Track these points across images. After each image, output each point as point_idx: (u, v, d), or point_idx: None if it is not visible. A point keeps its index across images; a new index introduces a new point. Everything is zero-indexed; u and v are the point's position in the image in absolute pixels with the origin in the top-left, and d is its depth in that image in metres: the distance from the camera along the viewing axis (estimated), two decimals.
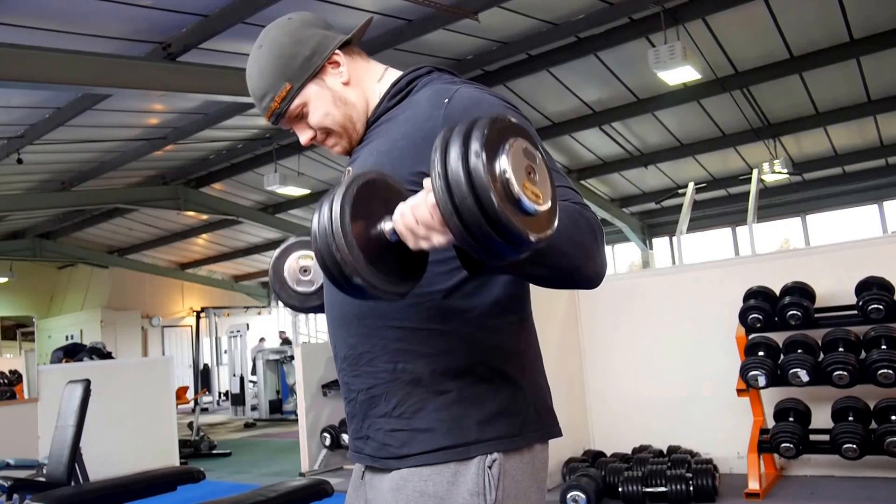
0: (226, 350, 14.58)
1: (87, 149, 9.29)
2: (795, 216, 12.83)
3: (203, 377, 15.01)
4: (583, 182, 11.34)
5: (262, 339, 14.14)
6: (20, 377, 12.62)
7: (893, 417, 4.15)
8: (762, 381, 4.40)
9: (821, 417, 4.45)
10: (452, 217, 0.85)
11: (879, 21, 7.12)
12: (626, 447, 5.21)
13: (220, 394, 15.55)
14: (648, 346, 5.47)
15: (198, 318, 15.86)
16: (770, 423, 4.59)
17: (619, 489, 4.35)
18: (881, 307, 4.25)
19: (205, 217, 13.34)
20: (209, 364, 15.32)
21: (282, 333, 14.79)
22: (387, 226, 0.96)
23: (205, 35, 6.21)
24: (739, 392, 4.61)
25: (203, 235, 15.26)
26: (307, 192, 11.14)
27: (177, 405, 8.06)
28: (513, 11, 6.54)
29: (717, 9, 6.77)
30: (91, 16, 5.80)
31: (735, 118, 9.20)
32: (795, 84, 8.37)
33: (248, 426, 11.46)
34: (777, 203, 11.95)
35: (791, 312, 4.47)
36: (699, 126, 9.62)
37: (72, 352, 8.68)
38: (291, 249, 1.48)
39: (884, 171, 11.08)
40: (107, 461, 5.79)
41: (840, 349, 4.30)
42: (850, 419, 4.26)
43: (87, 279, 16.59)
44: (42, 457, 4.80)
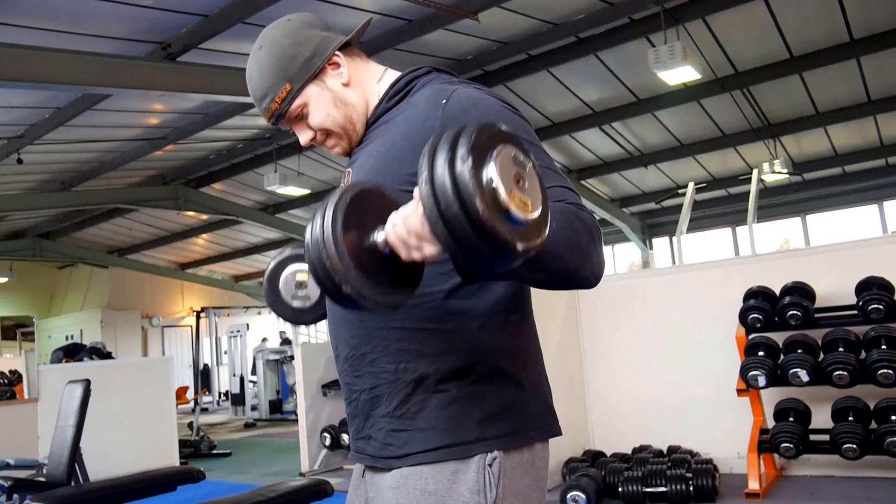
0: (226, 351, 14.58)
1: (87, 149, 9.29)
2: (795, 216, 12.82)
3: (203, 377, 15.01)
4: (583, 182, 11.33)
5: (265, 340, 14.11)
6: (20, 377, 12.64)
7: (893, 417, 4.15)
8: (762, 381, 4.40)
9: (821, 417, 4.45)
10: (438, 224, 0.83)
11: (879, 21, 7.12)
12: (626, 447, 5.21)
13: (220, 394, 15.56)
14: (648, 346, 5.47)
15: (198, 318, 15.87)
16: (770, 423, 4.59)
17: (619, 489, 4.35)
18: (881, 307, 4.25)
19: (205, 217, 13.34)
20: (209, 364, 15.32)
21: (282, 333, 14.78)
22: (379, 237, 0.95)
23: (205, 35, 6.21)
24: (739, 392, 4.61)
25: (203, 235, 15.25)
26: (307, 192, 11.15)
27: (177, 405, 8.06)
28: (513, 11, 6.54)
29: (717, 9, 6.77)
30: (91, 16, 5.80)
31: (735, 118, 9.20)
32: (795, 84, 8.37)
33: (248, 426, 11.46)
34: (777, 203, 11.94)
35: (791, 312, 4.47)
36: (699, 126, 9.62)
37: (72, 352, 8.68)
38: (286, 263, 1.43)
39: (884, 171, 11.08)
40: (107, 461, 5.78)
41: (840, 349, 4.30)
42: (850, 419, 4.26)
43: (87, 279, 16.59)
44: (42, 457, 4.81)
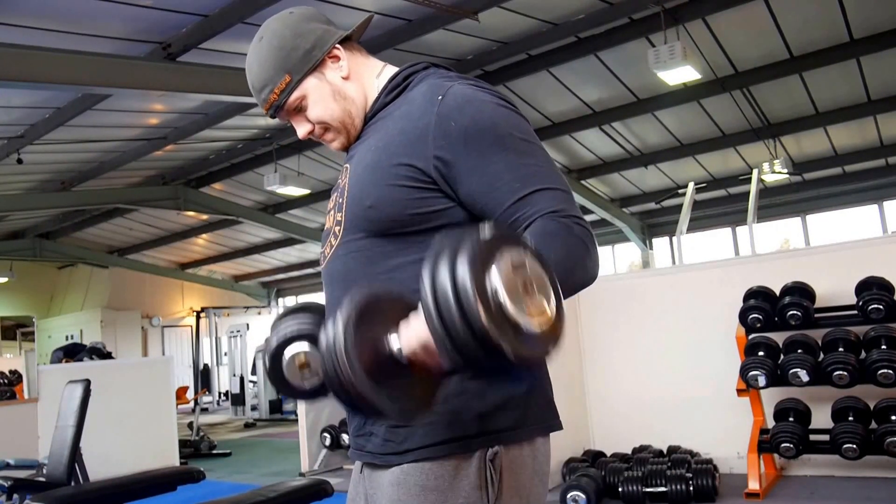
0: (226, 351, 14.57)
1: (87, 149, 9.29)
2: (795, 216, 12.80)
3: (203, 377, 15.00)
4: (583, 182, 11.32)
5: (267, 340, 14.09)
6: (20, 377, 12.66)
7: (893, 417, 4.15)
8: (762, 381, 4.40)
9: (821, 417, 4.45)
10: (443, 338, 0.84)
11: (879, 21, 7.11)
12: (626, 447, 5.21)
13: (220, 394, 15.54)
14: (648, 346, 5.47)
15: (198, 318, 15.86)
16: (770, 423, 4.59)
17: (619, 489, 4.35)
18: (881, 307, 4.25)
19: (205, 217, 13.34)
20: (209, 364, 15.32)
21: None
22: (395, 345, 0.95)
23: (205, 35, 6.21)
24: (739, 392, 4.61)
25: (203, 235, 15.25)
26: (307, 192, 11.13)
27: (177, 405, 8.06)
28: (513, 11, 6.54)
29: (717, 9, 6.76)
30: (91, 16, 5.80)
31: (735, 118, 9.19)
32: (795, 84, 8.37)
33: (248, 426, 11.47)
34: (777, 203, 11.93)
35: (791, 312, 4.47)
36: (699, 126, 9.61)
37: (72, 352, 8.68)
38: (284, 346, 1.32)
39: (884, 171, 11.06)
40: (107, 461, 5.77)
41: (840, 349, 4.30)
42: (850, 419, 4.26)
43: (87, 279, 16.59)
44: (42, 457, 4.80)
